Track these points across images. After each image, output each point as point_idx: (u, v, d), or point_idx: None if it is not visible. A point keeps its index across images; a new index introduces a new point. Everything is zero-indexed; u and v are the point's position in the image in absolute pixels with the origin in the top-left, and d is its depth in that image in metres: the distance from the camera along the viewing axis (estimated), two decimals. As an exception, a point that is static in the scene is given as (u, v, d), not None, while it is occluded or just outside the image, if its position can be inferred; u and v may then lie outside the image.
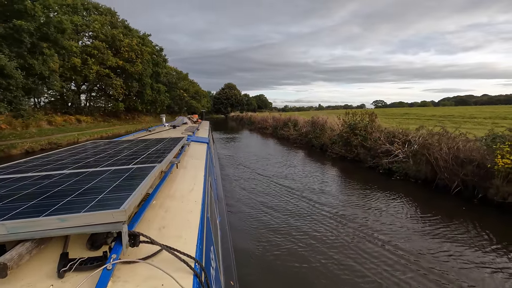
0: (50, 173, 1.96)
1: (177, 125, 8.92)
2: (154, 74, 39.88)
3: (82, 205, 1.19)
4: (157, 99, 41.74)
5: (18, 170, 2.12)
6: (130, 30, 36.76)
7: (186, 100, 62.00)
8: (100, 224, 1.07)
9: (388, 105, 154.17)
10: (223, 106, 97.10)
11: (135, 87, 33.86)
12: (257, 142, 21.55)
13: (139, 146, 3.36)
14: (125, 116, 41.41)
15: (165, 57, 45.74)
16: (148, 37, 38.70)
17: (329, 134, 15.14)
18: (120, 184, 1.53)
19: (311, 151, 15.01)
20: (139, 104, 38.52)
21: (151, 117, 49.51)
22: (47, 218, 1.05)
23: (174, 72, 61.24)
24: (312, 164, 11.67)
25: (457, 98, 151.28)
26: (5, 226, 1.01)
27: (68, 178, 1.75)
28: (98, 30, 27.52)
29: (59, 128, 23.13)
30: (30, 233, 1.03)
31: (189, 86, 68.07)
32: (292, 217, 6.12)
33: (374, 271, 4.04)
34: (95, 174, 1.83)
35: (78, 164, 2.27)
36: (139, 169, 1.94)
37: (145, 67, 34.09)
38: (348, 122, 12.52)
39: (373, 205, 6.73)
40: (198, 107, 69.34)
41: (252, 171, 10.60)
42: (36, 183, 1.63)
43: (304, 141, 17.15)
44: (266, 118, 31.25)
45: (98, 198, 1.28)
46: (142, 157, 2.49)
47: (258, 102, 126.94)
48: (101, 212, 1.08)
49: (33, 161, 2.49)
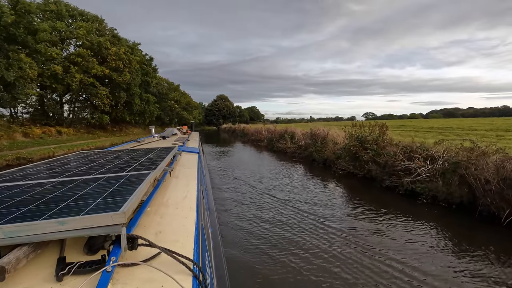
0: (42, 181, 1.96)
1: (167, 136, 8.76)
2: (143, 84, 38.34)
3: (80, 209, 1.20)
4: (146, 110, 40.01)
5: (7, 179, 2.11)
6: (119, 39, 35.41)
7: (177, 111, 60.38)
8: (99, 226, 1.08)
9: (378, 117, 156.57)
10: (215, 118, 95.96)
11: (123, 97, 32.17)
12: (252, 156, 20.06)
13: (131, 155, 3.38)
14: (112, 127, 39.43)
15: (155, 67, 44.35)
16: (137, 46, 37.36)
17: (331, 147, 13.83)
18: (116, 190, 1.54)
19: (313, 167, 13.62)
20: (127, 115, 36.71)
21: (140, 129, 47.56)
22: (46, 221, 1.06)
23: (165, 83, 59.85)
24: (316, 183, 10.24)
25: (444, 110, 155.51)
26: (2, 230, 1.01)
27: (61, 185, 1.76)
28: (82, 36, 25.98)
29: (35, 141, 21.17)
30: (27, 237, 1.04)
31: (181, 97, 66.67)
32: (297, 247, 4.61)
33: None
34: (89, 181, 1.85)
35: (70, 173, 2.28)
36: (133, 176, 1.97)
37: (134, 77, 32.54)
38: (355, 134, 11.24)
39: (400, 236, 5.30)
40: (190, 119, 67.87)
41: (248, 192, 9.09)
42: (29, 191, 1.65)
43: (304, 155, 15.77)
44: (260, 130, 29.92)
45: (95, 202, 1.30)
46: (135, 165, 2.52)
47: (250, 114, 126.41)
48: (101, 215, 1.09)
49: (22, 170, 2.49)
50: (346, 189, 9.35)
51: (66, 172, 2.31)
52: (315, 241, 5.35)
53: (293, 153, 17.40)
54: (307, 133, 20.19)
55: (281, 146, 20.00)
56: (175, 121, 64.95)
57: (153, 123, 52.05)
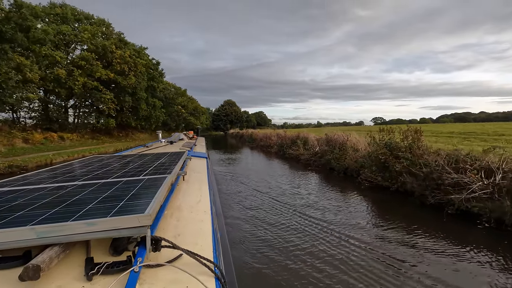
0: (62, 184, 2.02)
1: (174, 141, 8.76)
2: (150, 88, 37.57)
3: (105, 211, 1.25)
4: (152, 114, 39.19)
5: (28, 182, 2.17)
6: (126, 43, 34.83)
7: (184, 116, 59.63)
8: (126, 228, 1.12)
9: (387, 122, 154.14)
10: (222, 123, 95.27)
11: (128, 101, 31.36)
12: (261, 163, 18.68)
13: (143, 159, 3.45)
14: (118, 133, 38.67)
15: (161, 71, 43.68)
16: (144, 50, 36.71)
17: (352, 155, 12.38)
18: (136, 193, 1.60)
19: (331, 176, 12.17)
20: (133, 120, 35.90)
21: (146, 134, 46.79)
22: (75, 222, 1.10)
23: (172, 88, 59.30)
24: (338, 196, 8.81)
25: (455, 115, 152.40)
26: (35, 231, 1.05)
27: (82, 188, 1.83)
28: (87, 40, 25.30)
29: (36, 147, 20.30)
30: (58, 237, 1.08)
31: (188, 102, 66.06)
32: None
33: None
34: (108, 185, 1.91)
35: (88, 176, 2.33)
36: (150, 180, 2.03)
37: (139, 80, 31.75)
38: (383, 140, 9.80)
39: (467, 274, 3.84)
40: (197, 124, 67.12)
41: (262, 205, 7.72)
42: (52, 193, 1.71)
43: (320, 163, 14.32)
44: (270, 135, 28.58)
45: (119, 205, 1.35)
46: (150, 169, 2.57)
47: (257, 119, 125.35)
48: (127, 217, 1.14)
49: (40, 174, 2.54)
50: (375, 205, 7.89)
51: (84, 176, 2.35)
52: (341, 274, 3.95)
53: (307, 160, 15.97)
54: (321, 139, 18.80)
55: (293, 153, 18.59)
56: (181, 127, 64.25)
57: (160, 128, 51.32)
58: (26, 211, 1.31)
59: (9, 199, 1.62)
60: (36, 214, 1.25)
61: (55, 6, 26.94)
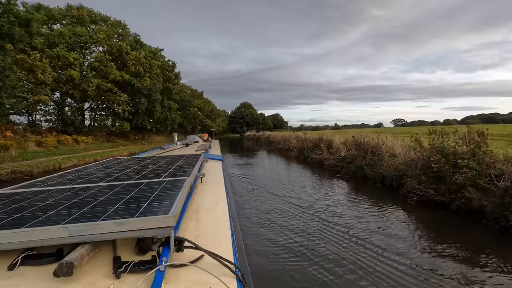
0: (88, 185, 2.11)
1: (189, 144, 8.72)
2: (165, 90, 37.00)
3: (132, 211, 1.31)
4: (168, 117, 38.59)
5: (55, 183, 2.26)
6: (142, 45, 34.47)
7: (200, 119, 59.07)
8: (152, 228, 1.17)
9: (408, 123, 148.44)
10: (239, 125, 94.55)
11: (143, 103, 30.77)
12: (282, 168, 17.09)
13: (162, 161, 3.54)
14: (134, 135, 38.36)
15: (177, 73, 43.15)
16: (160, 52, 36.22)
17: (389, 161, 10.58)
18: (158, 194, 1.67)
19: (364, 186, 10.43)
20: (148, 122, 35.38)
21: (162, 137, 46.40)
22: (105, 222, 1.17)
23: (188, 90, 58.97)
24: (380, 213, 7.13)
25: (481, 116, 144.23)
26: (68, 229, 1.11)
27: (107, 189, 1.91)
28: (102, 41, 24.84)
29: (48, 151, 19.81)
30: (89, 236, 1.13)
31: (204, 104, 65.60)
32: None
33: None
34: (131, 186, 1.98)
35: (110, 178, 2.41)
36: (171, 182, 2.10)
37: (154, 82, 31.13)
38: (435, 144, 8.01)
39: None
40: (213, 126, 66.58)
41: (283, 218, 6.18)
42: (79, 194, 1.80)
43: (349, 170, 12.55)
44: (289, 138, 26.95)
45: (143, 206, 1.41)
46: (169, 171, 2.66)
47: (273, 121, 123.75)
48: (153, 217, 1.20)
49: (66, 175, 2.66)
50: (431, 227, 6.15)
51: (107, 177, 2.43)
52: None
53: (333, 166, 14.24)
54: (348, 142, 17.01)
55: (316, 157, 16.89)
56: (198, 129, 63.84)
57: (175, 130, 50.95)
58: (57, 211, 1.39)
59: (40, 198, 1.71)
60: (67, 213, 1.32)
61: (72, 8, 26.82)
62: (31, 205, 1.55)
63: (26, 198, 1.74)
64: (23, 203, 1.59)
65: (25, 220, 1.24)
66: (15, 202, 1.64)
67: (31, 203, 1.59)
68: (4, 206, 1.56)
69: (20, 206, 1.53)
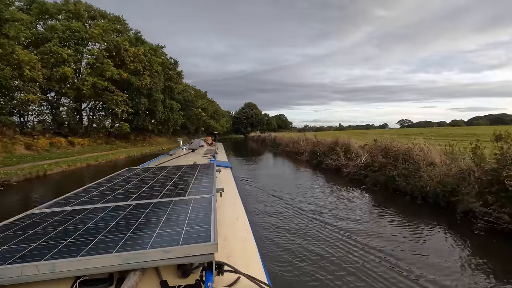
0: (119, 203, 2.13)
1: (195, 148, 8.62)
2: (167, 89, 35.36)
3: (174, 238, 1.37)
4: (170, 117, 36.92)
5: (85, 201, 2.27)
6: (143, 42, 32.89)
7: (204, 119, 57.43)
8: (197, 255, 1.24)
9: (414, 124, 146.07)
10: (243, 126, 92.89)
11: (144, 103, 29.13)
12: (294, 175, 15.25)
13: (178, 173, 3.48)
14: (135, 137, 36.80)
15: (180, 72, 41.47)
16: (161, 49, 34.57)
17: (428, 171, 8.71)
18: (191, 217, 1.72)
19: (399, 201, 8.56)
20: (149, 123, 33.74)
21: (165, 138, 44.81)
22: (154, 250, 1.23)
23: (192, 90, 57.37)
24: (438, 245, 5.29)
25: (489, 116, 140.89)
26: (121, 257, 1.19)
27: (139, 209, 1.94)
28: (97, 36, 23.20)
29: (38, 155, 18.23)
30: (140, 263, 1.20)
31: (208, 105, 63.98)
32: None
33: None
34: (160, 206, 2.03)
35: (136, 195, 2.42)
36: (197, 201, 2.12)
37: (155, 81, 29.48)
38: (506, 153, 6.15)
39: None
40: (217, 127, 65.01)
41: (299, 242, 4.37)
42: (115, 214, 1.83)
43: (376, 180, 10.67)
44: (298, 140, 25.11)
45: (182, 231, 1.47)
46: (190, 187, 2.66)
47: (278, 122, 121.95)
48: (198, 245, 1.26)
49: (89, 191, 2.64)
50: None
51: (132, 194, 2.44)
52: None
53: (354, 174, 12.38)
54: (366, 146, 15.15)
55: (332, 163, 15.04)
56: (201, 130, 62.21)
57: (178, 131, 49.36)
58: (104, 236, 1.43)
59: (79, 220, 1.75)
60: (113, 239, 1.37)
61: (68, 2, 25.30)
62: (74, 228, 1.60)
63: (65, 220, 1.77)
64: (66, 226, 1.64)
65: (77, 246, 1.31)
66: (58, 225, 1.67)
67: (74, 226, 1.64)
68: (48, 229, 1.60)
69: (64, 230, 1.58)
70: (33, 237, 1.45)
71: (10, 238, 1.45)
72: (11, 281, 1.12)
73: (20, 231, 1.57)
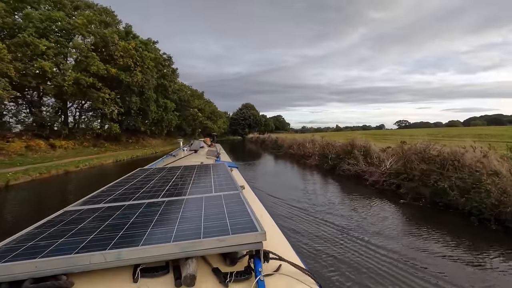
0: (151, 200, 2.15)
1: (196, 149, 8.53)
2: (161, 87, 32.99)
3: (222, 228, 1.43)
4: (164, 118, 34.52)
5: (114, 198, 2.28)
6: (134, 36, 30.50)
7: (201, 120, 55.05)
8: (247, 243, 1.32)
9: (411, 125, 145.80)
10: (241, 127, 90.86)
11: (135, 102, 26.75)
12: (307, 184, 13.00)
13: (193, 172, 3.44)
14: (127, 139, 34.32)
15: (174, 69, 39.08)
16: (153, 44, 32.17)
17: (493, 184, 6.58)
18: (230, 210, 1.75)
19: (463, 226, 6.40)
20: (142, 124, 31.33)
21: (159, 140, 42.37)
22: (209, 239, 1.30)
23: (188, 90, 54.99)
24: None
25: (485, 117, 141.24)
26: (179, 246, 1.27)
27: (173, 205, 2.00)
28: (80, 26, 20.77)
29: (9, 160, 15.82)
30: (195, 251, 1.28)
31: (205, 105, 61.59)
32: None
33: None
34: (194, 202, 2.04)
35: (163, 192, 2.43)
36: (226, 196, 2.13)
37: (147, 78, 27.12)
38: None
39: None
40: (214, 128, 62.69)
41: None
42: (153, 210, 1.87)
43: (417, 192, 8.49)
44: (303, 142, 22.96)
45: (228, 222, 1.52)
46: (214, 184, 2.67)
47: (275, 123, 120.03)
48: (248, 234, 1.33)
49: (114, 190, 2.61)
50: None
51: (158, 192, 2.43)
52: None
53: (384, 183, 10.22)
54: (390, 149, 13.08)
55: (350, 169, 12.88)
56: (198, 131, 59.84)
57: (173, 133, 46.98)
58: (154, 227, 1.51)
59: (120, 216, 1.79)
60: (163, 230, 1.46)
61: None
62: (121, 222, 1.64)
63: (108, 215, 1.82)
64: (112, 221, 1.67)
65: (131, 238, 1.37)
66: (103, 220, 1.71)
67: (119, 220, 1.68)
68: (96, 223, 1.65)
69: (111, 224, 1.62)
70: (85, 231, 1.52)
71: (62, 232, 1.52)
72: (80, 269, 1.21)
73: (68, 225, 1.63)
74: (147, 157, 25.64)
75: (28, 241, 1.40)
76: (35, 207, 9.40)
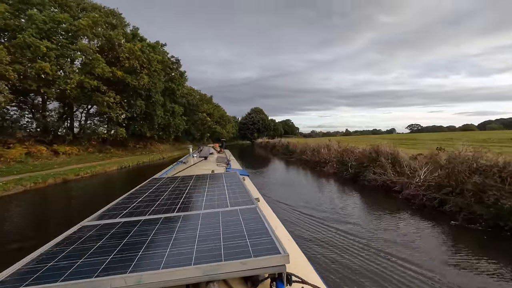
0: (167, 215, 2.07)
1: (206, 156, 8.44)
2: (168, 91, 32.10)
3: (243, 249, 1.36)
4: (171, 123, 33.55)
5: (130, 212, 2.20)
6: (141, 39, 29.78)
7: (209, 125, 54.10)
8: (270, 267, 1.26)
9: (423, 128, 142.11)
10: (249, 132, 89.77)
11: (140, 106, 25.83)
12: (325, 197, 11.47)
13: (206, 183, 3.36)
14: (135, 144, 33.50)
15: (183, 72, 38.20)
16: (161, 47, 31.37)
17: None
18: (248, 228, 1.67)
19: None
20: (147, 129, 30.39)
21: (167, 145, 41.52)
22: (231, 262, 1.24)
23: (196, 94, 54.21)
24: None
25: (501, 120, 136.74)
26: (201, 269, 1.21)
27: (190, 221, 1.90)
28: (85, 27, 19.99)
29: (7, 167, 14.93)
30: (218, 275, 1.22)
31: (214, 110, 60.72)
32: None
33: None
34: (210, 217, 1.95)
35: (178, 206, 2.36)
36: (243, 211, 2.04)
37: (154, 81, 26.19)
38: None
39: None
40: (223, 133, 61.68)
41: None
42: (170, 227, 1.80)
43: (471, 213, 6.94)
44: (318, 148, 21.47)
45: (248, 242, 1.44)
46: (229, 197, 2.56)
47: (284, 127, 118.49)
48: (272, 257, 1.27)
49: (129, 202, 2.57)
50: None
51: (173, 205, 2.37)
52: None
53: (423, 197, 8.66)
54: (421, 157, 11.53)
55: (377, 179, 11.34)
56: (207, 136, 58.89)
57: (181, 138, 46.09)
58: (174, 247, 1.44)
59: (137, 233, 1.71)
60: (183, 251, 1.38)
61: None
62: (139, 240, 1.59)
63: (125, 231, 1.76)
64: (130, 239, 1.61)
65: (150, 259, 1.32)
66: (121, 237, 1.65)
67: (138, 238, 1.62)
68: (114, 241, 1.59)
69: (130, 242, 1.56)
70: (104, 249, 1.47)
71: (81, 250, 1.48)
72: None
73: (86, 243, 1.58)
74: (154, 163, 24.61)
75: (48, 261, 1.38)
76: (17, 224, 8.27)
